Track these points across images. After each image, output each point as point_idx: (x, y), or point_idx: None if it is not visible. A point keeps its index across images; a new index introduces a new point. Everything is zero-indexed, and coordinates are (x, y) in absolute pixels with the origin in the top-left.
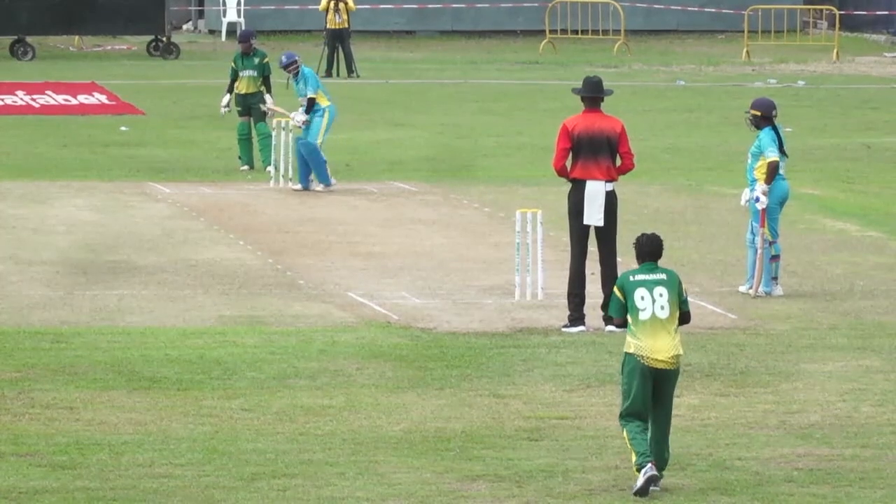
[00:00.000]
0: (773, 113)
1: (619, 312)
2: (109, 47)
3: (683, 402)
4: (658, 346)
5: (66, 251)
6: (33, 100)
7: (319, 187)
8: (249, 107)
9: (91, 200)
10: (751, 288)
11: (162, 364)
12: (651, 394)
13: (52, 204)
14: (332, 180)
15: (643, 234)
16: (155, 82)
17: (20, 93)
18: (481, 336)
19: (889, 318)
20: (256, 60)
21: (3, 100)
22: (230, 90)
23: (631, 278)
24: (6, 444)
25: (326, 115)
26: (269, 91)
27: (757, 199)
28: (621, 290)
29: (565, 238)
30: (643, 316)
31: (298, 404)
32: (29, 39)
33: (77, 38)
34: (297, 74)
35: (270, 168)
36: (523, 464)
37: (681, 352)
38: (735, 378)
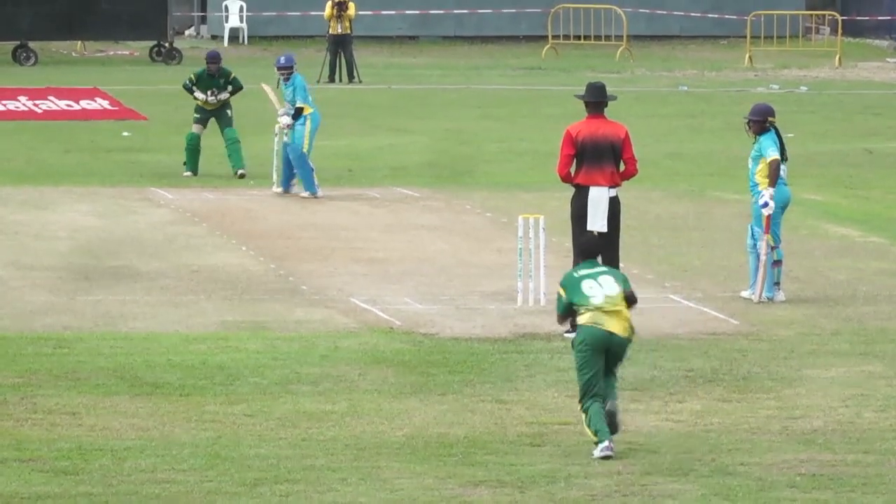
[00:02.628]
0: (772, 118)
1: (564, 310)
2: (112, 53)
3: (686, 408)
4: (610, 317)
5: (68, 256)
6: (36, 105)
7: (305, 194)
8: (209, 117)
9: (93, 206)
10: (753, 293)
11: (164, 369)
12: (605, 361)
13: (54, 209)
14: (319, 189)
15: (583, 236)
16: (157, 88)
17: (23, 98)
18: (484, 341)
19: (892, 324)
20: (222, 81)
21: (5, 105)
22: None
23: (575, 275)
24: (9, 449)
25: (309, 121)
26: (232, 95)
27: (765, 205)
28: (565, 288)
29: (567, 243)
30: (595, 301)
31: (301, 410)
32: (31, 45)
33: (79, 43)
34: (287, 79)
35: (242, 171)
36: (526, 469)
37: (632, 324)
38: (738, 383)
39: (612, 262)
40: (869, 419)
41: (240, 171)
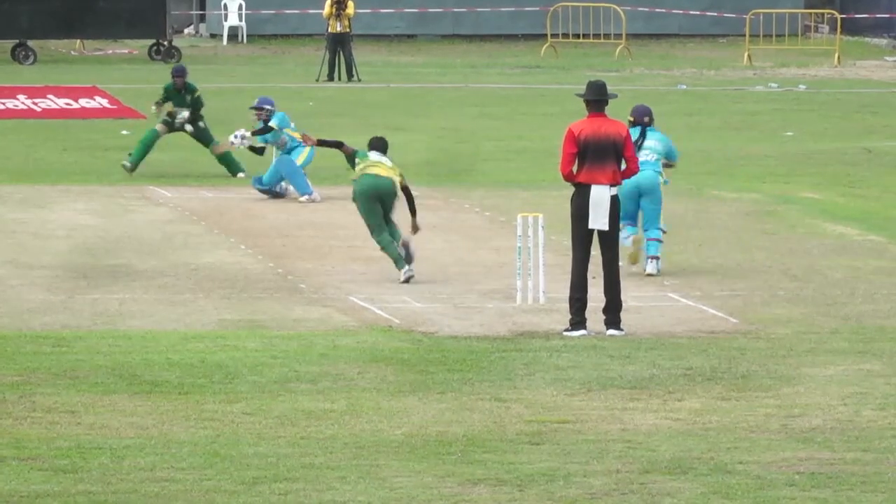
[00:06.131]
0: (641, 118)
1: (348, 159)
2: (111, 51)
3: (685, 406)
4: (377, 167)
5: (66, 255)
6: (34, 104)
7: (303, 199)
8: (178, 127)
9: (91, 204)
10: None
11: (163, 368)
12: (381, 208)
13: (52, 208)
14: (315, 191)
15: (374, 137)
16: (156, 86)
17: (21, 97)
18: (482, 340)
19: (890, 322)
20: (188, 98)
21: (4, 104)
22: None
23: (365, 159)
24: (7, 448)
25: (308, 151)
26: (198, 118)
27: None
28: (356, 156)
29: (566, 242)
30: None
31: (300, 408)
32: (30, 43)
33: (78, 41)
34: (266, 121)
35: (241, 174)
36: (524, 468)
37: (396, 178)
38: (736, 382)
39: (612, 261)
40: (868, 417)
41: (239, 174)
